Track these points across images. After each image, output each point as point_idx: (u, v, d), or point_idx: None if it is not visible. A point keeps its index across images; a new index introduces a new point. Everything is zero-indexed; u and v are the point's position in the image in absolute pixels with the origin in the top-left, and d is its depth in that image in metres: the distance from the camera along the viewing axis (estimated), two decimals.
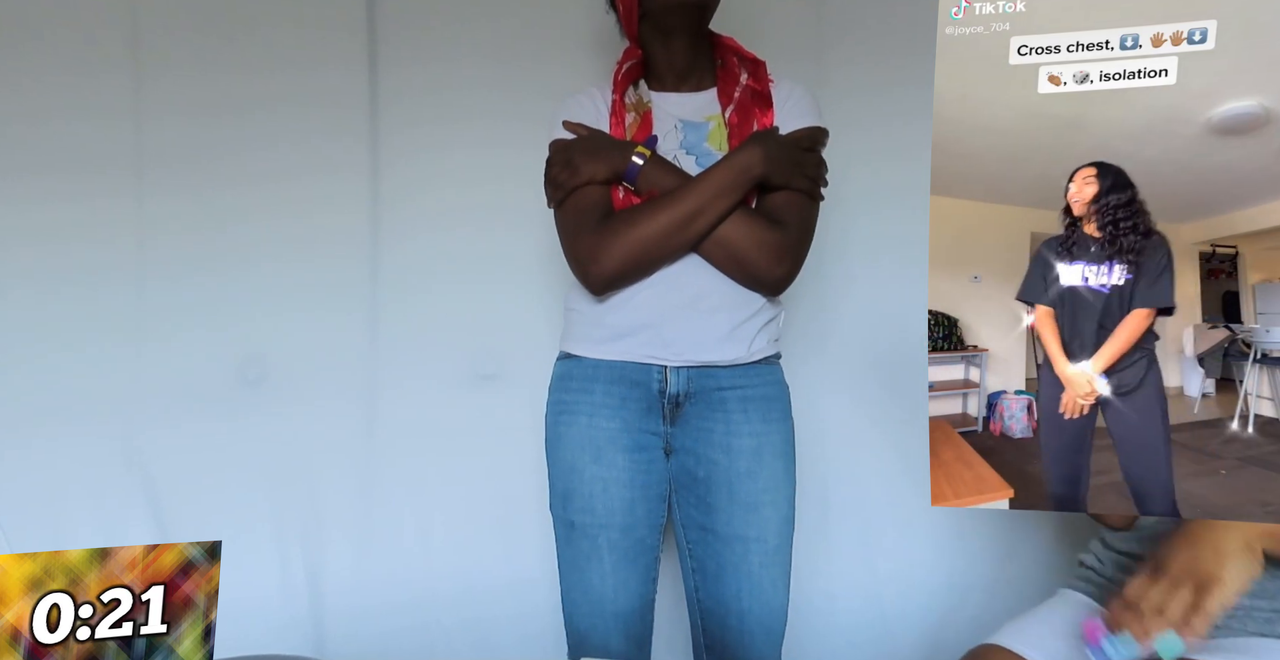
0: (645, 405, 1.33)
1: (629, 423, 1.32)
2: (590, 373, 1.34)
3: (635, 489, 1.32)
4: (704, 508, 1.32)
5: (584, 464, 1.32)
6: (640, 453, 1.33)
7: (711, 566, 1.33)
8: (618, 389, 1.32)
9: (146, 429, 1.80)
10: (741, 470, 1.31)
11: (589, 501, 1.32)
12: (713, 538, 1.32)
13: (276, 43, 1.85)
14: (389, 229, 1.87)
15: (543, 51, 1.84)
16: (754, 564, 1.31)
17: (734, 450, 1.31)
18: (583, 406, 1.33)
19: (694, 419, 1.32)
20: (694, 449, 1.33)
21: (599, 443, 1.32)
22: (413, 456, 1.84)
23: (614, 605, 1.33)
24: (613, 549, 1.32)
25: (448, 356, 1.85)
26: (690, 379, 1.32)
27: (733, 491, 1.31)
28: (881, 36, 1.79)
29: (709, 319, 1.30)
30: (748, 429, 1.32)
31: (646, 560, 1.35)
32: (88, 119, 1.81)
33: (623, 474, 1.32)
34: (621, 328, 1.31)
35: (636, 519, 1.33)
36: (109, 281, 1.81)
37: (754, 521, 1.31)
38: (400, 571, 1.82)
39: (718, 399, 1.32)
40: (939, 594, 1.77)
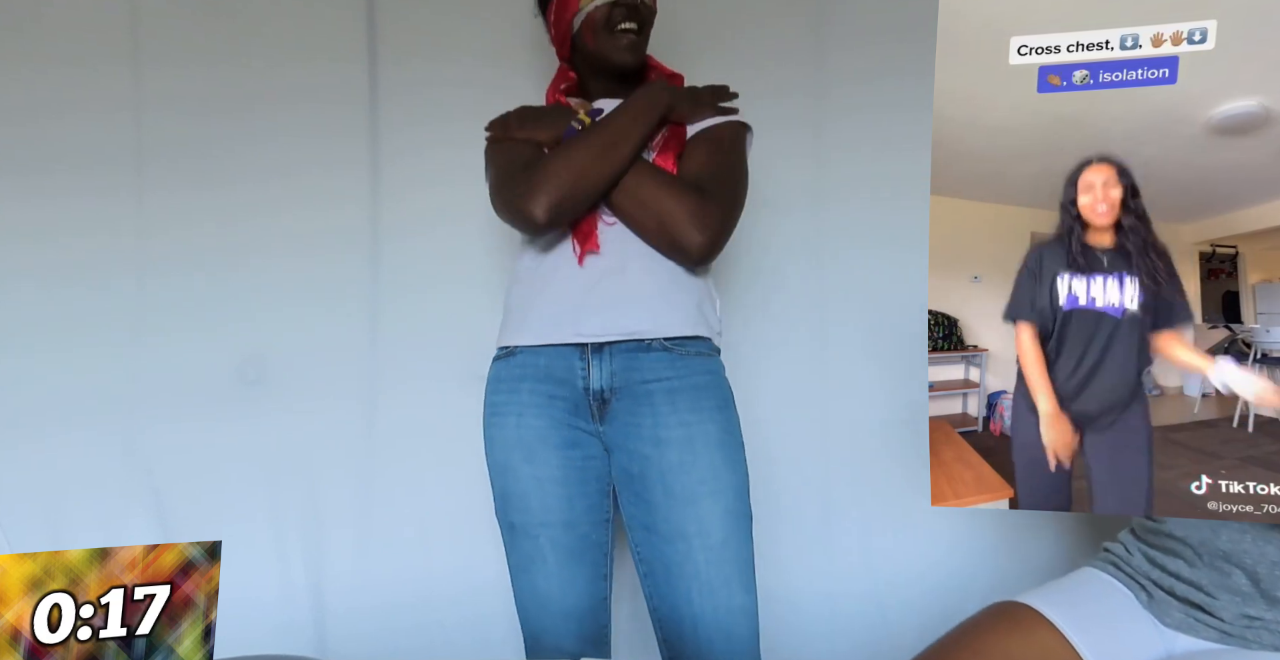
0: (572, 403, 1.31)
1: (556, 420, 1.31)
2: (517, 372, 1.34)
3: (571, 485, 1.31)
4: (644, 505, 1.29)
5: (516, 463, 1.32)
6: (573, 449, 1.32)
7: (659, 568, 1.29)
8: (543, 387, 1.32)
9: (146, 428, 1.80)
10: (673, 462, 1.26)
11: (524, 501, 1.31)
12: (656, 537, 1.28)
13: (277, 38, 1.84)
14: (389, 226, 1.87)
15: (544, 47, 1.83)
16: (699, 562, 1.25)
17: (663, 442, 1.27)
18: (511, 407, 1.33)
19: (622, 415, 1.30)
20: (625, 445, 1.30)
21: (529, 441, 1.31)
22: (413, 456, 1.84)
23: (561, 604, 1.31)
24: (555, 547, 1.30)
25: (448, 355, 1.85)
26: (614, 373, 1.30)
27: (667, 486, 1.26)
28: (881, 37, 1.79)
29: (630, 290, 1.30)
30: (675, 419, 1.28)
31: (594, 557, 1.33)
32: (86, 114, 1.80)
33: (556, 471, 1.31)
34: (545, 313, 1.32)
35: (577, 515, 1.31)
36: (108, 278, 1.80)
37: (692, 516, 1.25)
38: (400, 571, 1.82)
39: (644, 392, 1.29)
40: (939, 594, 1.76)
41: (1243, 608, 1.12)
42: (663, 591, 1.29)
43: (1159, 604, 1.19)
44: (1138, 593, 1.22)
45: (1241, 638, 1.11)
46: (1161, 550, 1.21)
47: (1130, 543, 1.27)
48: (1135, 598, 1.21)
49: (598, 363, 1.30)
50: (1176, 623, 1.17)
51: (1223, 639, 1.13)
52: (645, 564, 1.31)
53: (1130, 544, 1.27)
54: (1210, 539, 1.14)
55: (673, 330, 1.30)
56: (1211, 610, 1.14)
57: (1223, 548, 1.13)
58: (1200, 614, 1.15)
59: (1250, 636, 1.11)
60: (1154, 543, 1.23)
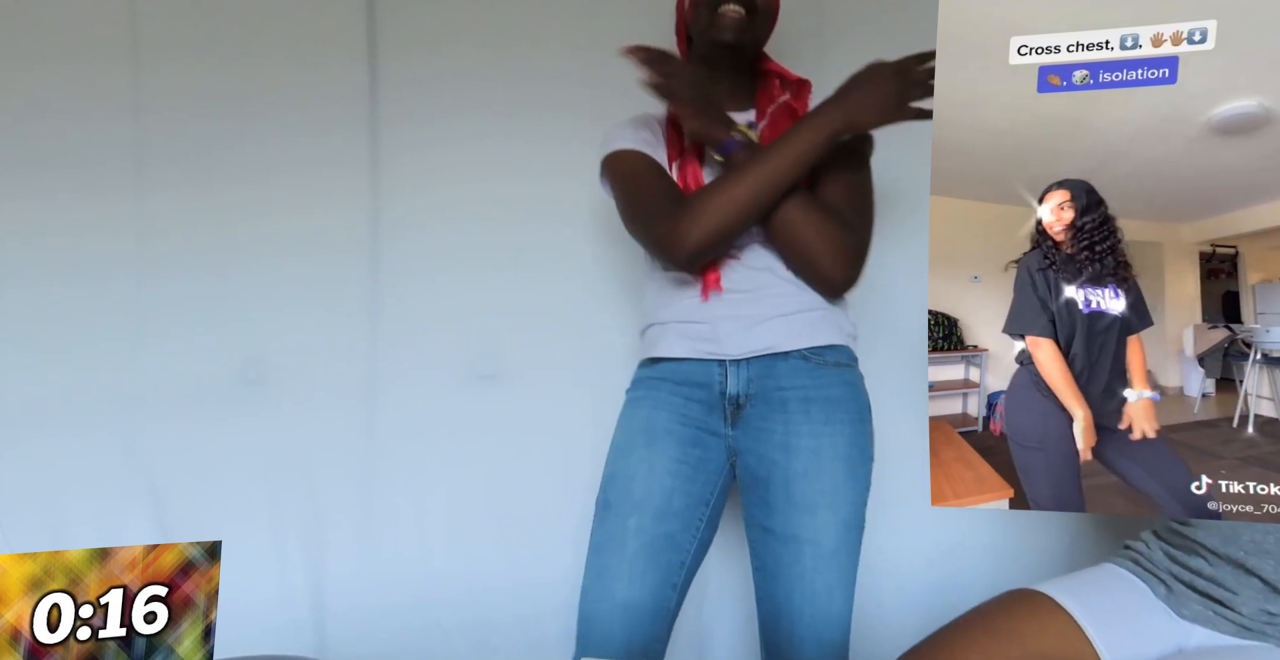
0: (707, 405, 1.35)
1: (689, 417, 1.35)
2: (660, 374, 1.38)
3: (680, 478, 1.33)
4: (765, 507, 1.32)
5: (636, 446, 1.34)
6: (694, 447, 1.34)
7: (770, 565, 1.33)
8: (683, 388, 1.36)
9: (146, 428, 1.80)
10: (799, 470, 1.30)
11: (629, 482, 1.33)
12: (771, 538, 1.32)
13: (276, 34, 1.84)
14: (389, 224, 1.86)
15: (545, 43, 1.83)
16: (807, 566, 1.30)
17: (793, 450, 1.30)
18: (647, 400, 1.37)
19: (755, 420, 1.33)
20: (755, 449, 1.33)
21: (655, 429, 1.34)
22: (413, 456, 1.84)
23: (625, 592, 1.29)
24: (640, 534, 1.31)
25: (448, 355, 1.85)
26: (751, 380, 1.32)
27: (789, 491, 1.30)
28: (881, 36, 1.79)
29: (763, 312, 1.32)
30: (808, 429, 1.31)
31: (670, 560, 1.32)
32: (85, 112, 1.80)
33: (670, 462, 1.33)
34: (683, 332, 1.35)
35: (672, 510, 1.32)
36: (108, 277, 1.80)
37: (808, 523, 1.29)
38: (400, 572, 1.82)
39: (778, 399, 1.32)
40: (939, 593, 1.76)
41: (1263, 604, 1.13)
42: (769, 589, 1.33)
43: (1177, 596, 1.20)
44: (1155, 586, 1.23)
45: (1261, 633, 1.12)
46: (1183, 549, 1.22)
47: (1151, 540, 1.29)
48: (1152, 591, 1.23)
49: (735, 370, 1.33)
50: (1194, 614, 1.18)
51: (1240, 633, 1.14)
52: (758, 560, 1.34)
53: (1151, 541, 1.29)
54: (1232, 538, 1.15)
55: (806, 342, 1.33)
56: (1231, 605, 1.15)
57: (1244, 548, 1.14)
58: (1219, 608, 1.16)
59: (1270, 632, 1.12)
60: (1176, 542, 1.24)
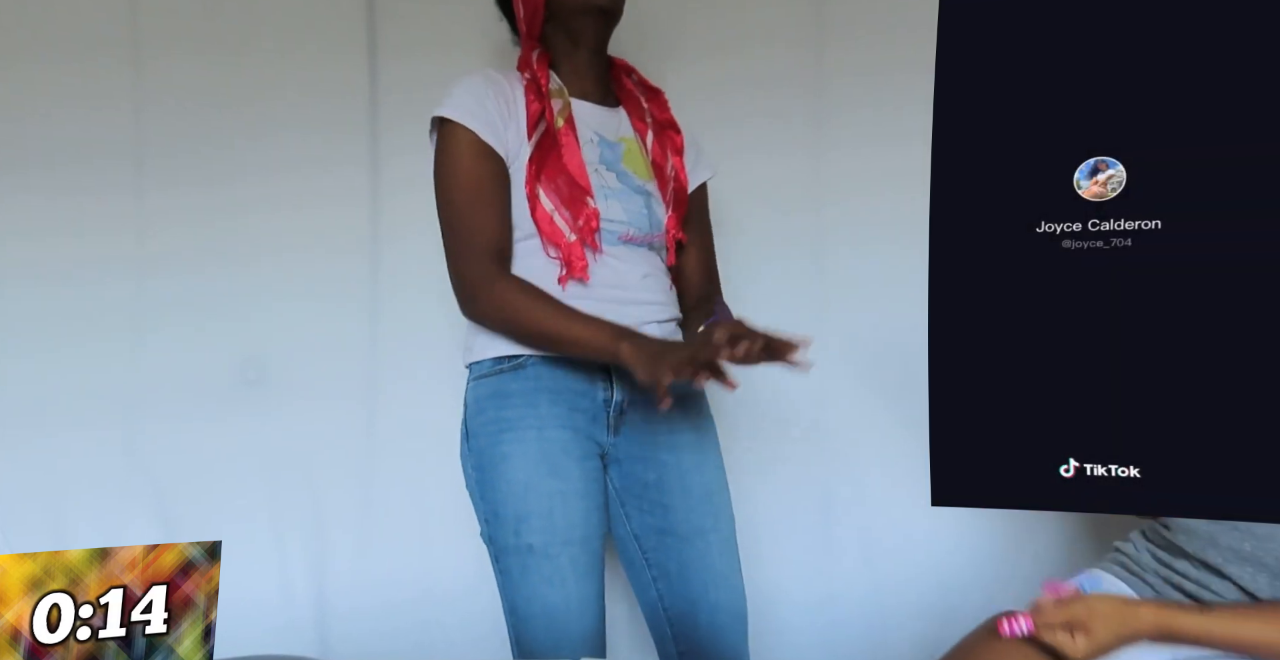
0: (590, 415, 1.30)
1: (578, 429, 1.28)
2: (531, 385, 1.27)
3: (590, 498, 1.28)
4: (659, 510, 1.33)
5: (540, 479, 1.24)
6: (590, 461, 1.30)
7: (674, 567, 1.33)
8: (564, 397, 1.28)
9: (146, 428, 1.80)
10: (689, 464, 1.34)
11: (548, 519, 1.23)
12: (672, 539, 1.33)
13: (276, 33, 1.84)
14: (389, 224, 1.86)
15: None
16: (715, 556, 1.33)
17: (679, 447, 1.34)
18: (530, 421, 1.26)
19: (638, 424, 1.32)
20: (639, 454, 1.32)
21: (554, 455, 1.25)
22: (413, 456, 1.83)
23: (580, 626, 1.24)
24: (575, 566, 1.24)
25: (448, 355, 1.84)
26: (633, 384, 1.25)
27: (686, 486, 1.33)
28: (882, 31, 1.79)
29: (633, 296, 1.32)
30: (686, 424, 1.35)
31: (600, 573, 1.29)
32: (85, 110, 1.80)
33: (578, 484, 1.26)
34: None
35: (593, 530, 1.27)
36: (108, 277, 1.80)
37: (709, 512, 1.34)
38: (401, 571, 1.82)
39: (654, 400, 1.28)
40: (939, 594, 1.76)
41: None
42: (677, 590, 1.33)
43: (1164, 599, 1.19)
44: (1142, 590, 1.22)
45: None
46: (1168, 551, 1.22)
47: (1139, 541, 1.28)
48: (1139, 596, 1.21)
49: (620, 374, 1.28)
50: None
51: None
52: (656, 568, 1.34)
53: (1139, 542, 1.28)
54: (1211, 542, 1.15)
55: None
56: None
57: (1222, 554, 1.14)
58: None
59: None
60: (1160, 544, 1.23)
